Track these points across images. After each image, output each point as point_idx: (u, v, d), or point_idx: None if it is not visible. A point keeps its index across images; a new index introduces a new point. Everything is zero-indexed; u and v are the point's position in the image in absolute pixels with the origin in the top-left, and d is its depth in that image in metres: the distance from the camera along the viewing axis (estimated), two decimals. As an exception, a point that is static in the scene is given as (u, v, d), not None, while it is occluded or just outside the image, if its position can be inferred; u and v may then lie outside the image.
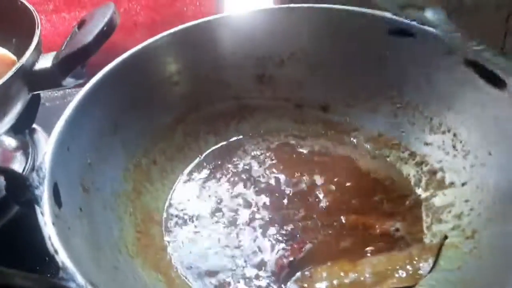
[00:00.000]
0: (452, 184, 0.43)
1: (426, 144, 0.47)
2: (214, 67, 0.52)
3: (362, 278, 0.37)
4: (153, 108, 0.48)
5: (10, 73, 0.48)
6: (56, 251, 0.29)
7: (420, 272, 0.37)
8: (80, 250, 0.32)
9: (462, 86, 0.44)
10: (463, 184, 0.42)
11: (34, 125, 0.59)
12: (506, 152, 0.39)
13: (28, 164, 0.61)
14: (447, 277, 0.36)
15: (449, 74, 0.44)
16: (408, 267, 0.38)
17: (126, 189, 0.43)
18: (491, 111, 0.41)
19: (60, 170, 0.36)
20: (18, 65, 0.49)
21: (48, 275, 0.28)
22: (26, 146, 0.60)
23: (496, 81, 0.41)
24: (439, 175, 0.45)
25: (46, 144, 0.36)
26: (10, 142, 0.64)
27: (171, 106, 0.50)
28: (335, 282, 0.37)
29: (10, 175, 0.32)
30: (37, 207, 0.31)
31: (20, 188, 0.32)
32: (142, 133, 0.47)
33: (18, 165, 0.63)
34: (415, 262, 0.38)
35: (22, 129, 0.58)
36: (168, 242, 0.42)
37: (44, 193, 0.32)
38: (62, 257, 0.28)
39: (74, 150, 0.39)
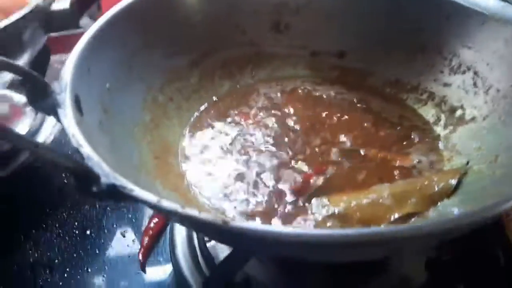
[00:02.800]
0: (473, 119, 0.43)
1: (446, 85, 0.47)
2: (231, 12, 0.51)
3: (380, 200, 0.37)
4: (169, 48, 0.48)
5: (26, 10, 0.47)
6: (80, 145, 0.28)
7: (441, 193, 0.37)
8: (101, 156, 0.31)
9: (483, 23, 0.43)
10: (484, 118, 0.42)
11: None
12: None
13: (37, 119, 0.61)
14: (466, 198, 0.35)
15: (466, 12, 0.44)
16: (428, 189, 0.37)
17: (144, 119, 0.43)
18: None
19: (81, 84, 0.35)
20: (33, 3, 0.48)
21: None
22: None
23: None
24: (458, 112, 0.44)
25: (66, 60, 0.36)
26: (19, 98, 0.64)
27: (187, 48, 0.49)
28: (353, 203, 0.37)
29: (32, 79, 0.31)
30: (59, 111, 0.31)
31: (42, 94, 0.32)
32: (158, 71, 0.47)
33: (28, 120, 0.63)
34: (435, 184, 0.37)
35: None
36: (186, 171, 0.41)
37: (66, 100, 0.32)
38: (87, 149, 0.28)
39: (94, 73, 0.38)
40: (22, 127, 0.60)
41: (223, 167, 0.42)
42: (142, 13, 0.45)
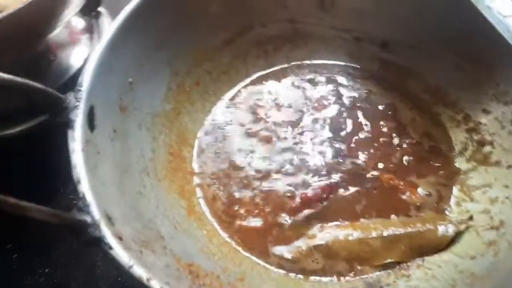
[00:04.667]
0: (497, 163, 0.40)
1: (485, 111, 0.43)
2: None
3: (369, 241, 0.38)
4: (203, 25, 0.47)
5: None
6: (79, 181, 0.31)
7: (431, 247, 0.37)
8: (106, 176, 0.34)
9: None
10: (508, 167, 0.39)
11: (100, 8, 0.59)
12: None
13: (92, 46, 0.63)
14: (456, 263, 0.35)
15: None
16: (418, 240, 0.37)
17: (166, 109, 0.44)
18: None
19: (99, 91, 0.37)
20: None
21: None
22: (92, 29, 0.61)
23: None
24: (487, 148, 0.41)
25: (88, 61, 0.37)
26: (77, 23, 0.65)
27: (222, 24, 0.48)
28: (342, 237, 0.38)
29: (47, 95, 0.33)
30: (69, 133, 0.33)
31: (57, 110, 0.34)
32: (188, 52, 0.46)
33: (83, 47, 0.65)
34: (427, 236, 0.37)
35: (89, 10, 0.59)
36: (196, 168, 0.44)
37: (78, 117, 0.34)
38: (84, 188, 0.31)
39: (116, 68, 0.39)
40: (77, 55, 0.63)
41: (232, 168, 0.43)
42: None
